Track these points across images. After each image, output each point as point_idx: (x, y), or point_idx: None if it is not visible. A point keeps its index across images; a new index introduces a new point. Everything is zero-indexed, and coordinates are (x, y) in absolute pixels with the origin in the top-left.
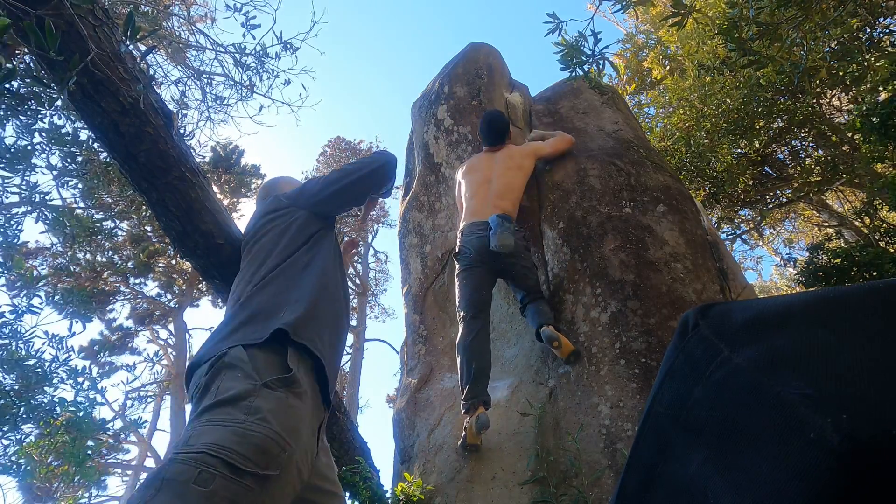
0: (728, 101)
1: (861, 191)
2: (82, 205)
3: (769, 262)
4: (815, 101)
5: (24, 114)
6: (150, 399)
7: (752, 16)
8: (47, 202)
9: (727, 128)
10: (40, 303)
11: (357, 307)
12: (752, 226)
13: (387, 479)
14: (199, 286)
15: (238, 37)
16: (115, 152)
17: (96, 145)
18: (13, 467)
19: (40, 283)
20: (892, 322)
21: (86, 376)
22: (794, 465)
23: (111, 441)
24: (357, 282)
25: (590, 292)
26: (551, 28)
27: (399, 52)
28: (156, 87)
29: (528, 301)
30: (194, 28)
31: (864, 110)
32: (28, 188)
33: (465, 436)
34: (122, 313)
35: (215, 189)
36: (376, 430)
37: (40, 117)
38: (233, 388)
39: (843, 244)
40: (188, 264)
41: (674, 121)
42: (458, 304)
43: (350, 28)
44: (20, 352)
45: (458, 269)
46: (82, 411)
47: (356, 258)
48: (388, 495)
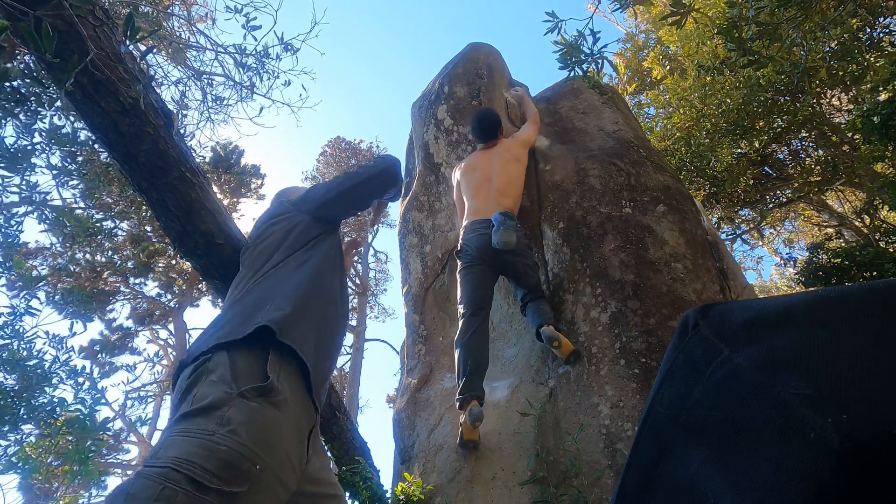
0: (728, 101)
1: (861, 191)
2: (82, 205)
3: (769, 262)
4: (815, 101)
5: (24, 114)
6: (150, 399)
7: (752, 16)
8: (47, 202)
9: (727, 128)
10: (40, 303)
11: (357, 307)
12: (752, 226)
13: (387, 479)
14: (199, 286)
15: (238, 37)
16: (115, 152)
17: (96, 145)
18: (17, 465)
19: (40, 284)
20: (892, 322)
21: (86, 376)
22: (795, 465)
23: (111, 441)
24: (357, 282)
25: (590, 292)
26: (550, 27)
27: (399, 52)
28: (156, 88)
29: (528, 300)
30: (194, 28)
31: (864, 110)
32: (28, 188)
33: (461, 432)
34: (122, 313)
35: (215, 189)
36: (376, 430)
37: (40, 117)
38: (208, 396)
39: (843, 244)
40: (188, 264)
41: (674, 121)
42: (459, 301)
43: (350, 28)
44: (21, 352)
45: (460, 267)
46: (87, 410)
47: (357, 258)
48: (388, 495)
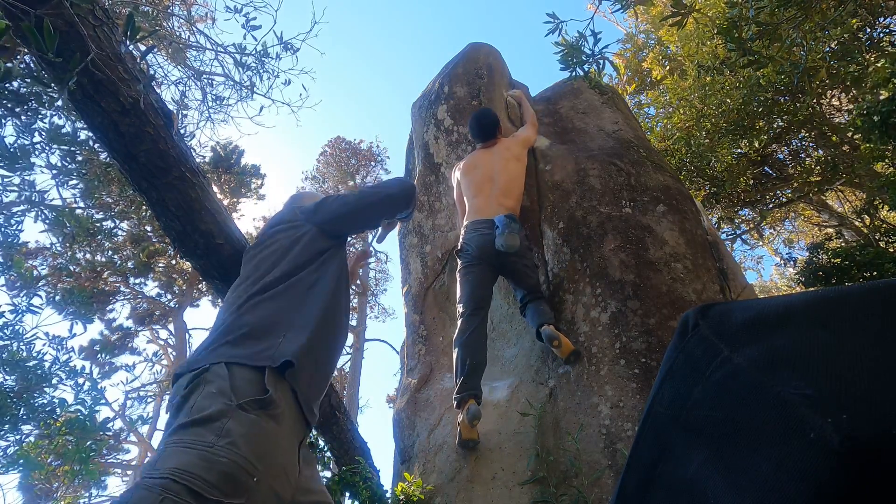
0: (728, 101)
1: (861, 191)
2: (82, 205)
3: (769, 262)
4: (815, 101)
5: (24, 114)
6: (150, 399)
7: (752, 16)
8: (47, 202)
9: (727, 128)
10: (40, 303)
11: (357, 307)
12: (752, 226)
13: (387, 479)
14: (199, 286)
15: (238, 37)
16: (115, 152)
17: (96, 145)
18: (18, 462)
19: (40, 283)
20: (892, 322)
21: (86, 377)
22: (795, 466)
23: (111, 441)
24: (357, 282)
25: (590, 292)
26: (551, 28)
27: (399, 52)
28: (156, 88)
29: (528, 300)
30: (194, 28)
31: (864, 110)
32: (28, 188)
33: (459, 432)
34: (122, 313)
35: (215, 189)
36: (376, 430)
37: (40, 117)
38: (207, 408)
39: (843, 244)
40: (188, 264)
41: (674, 121)
42: (458, 300)
43: (350, 28)
44: (21, 353)
45: (460, 266)
46: (87, 410)
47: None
48: (388, 495)
